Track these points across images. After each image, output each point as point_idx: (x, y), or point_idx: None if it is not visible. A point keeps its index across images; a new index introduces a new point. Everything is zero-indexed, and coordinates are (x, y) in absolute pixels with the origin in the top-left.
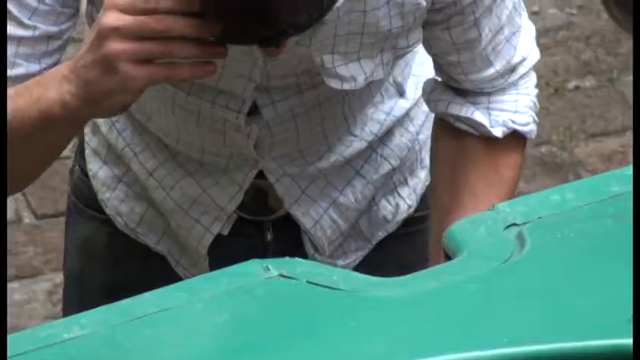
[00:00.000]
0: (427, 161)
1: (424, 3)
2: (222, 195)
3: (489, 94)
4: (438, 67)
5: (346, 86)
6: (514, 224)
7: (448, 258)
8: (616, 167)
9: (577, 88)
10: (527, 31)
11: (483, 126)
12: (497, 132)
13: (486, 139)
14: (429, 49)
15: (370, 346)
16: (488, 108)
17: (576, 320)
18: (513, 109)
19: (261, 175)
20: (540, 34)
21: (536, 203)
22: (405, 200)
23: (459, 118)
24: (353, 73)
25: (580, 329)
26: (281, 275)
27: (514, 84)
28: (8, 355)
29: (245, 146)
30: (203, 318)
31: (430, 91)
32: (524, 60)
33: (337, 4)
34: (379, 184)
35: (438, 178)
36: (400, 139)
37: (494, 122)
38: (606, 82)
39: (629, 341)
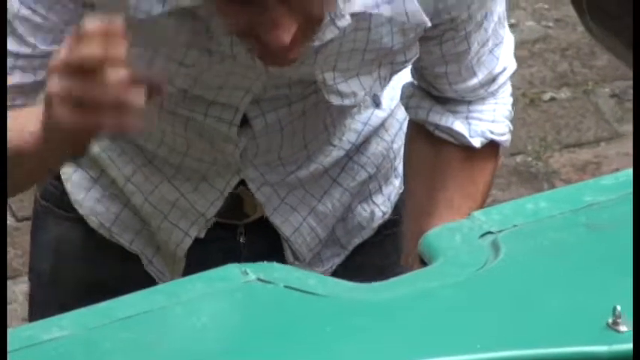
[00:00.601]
0: (401, 169)
1: (428, 23)
2: (202, 200)
3: (469, 102)
4: (421, 76)
5: (347, 102)
6: (489, 232)
7: (424, 264)
8: (589, 177)
9: (552, 99)
10: (508, 42)
11: (463, 136)
12: (476, 142)
13: (464, 148)
14: (417, 61)
15: (345, 351)
16: (467, 117)
17: (549, 326)
18: (491, 119)
19: (241, 181)
20: (517, 46)
21: (511, 212)
22: (380, 207)
23: (438, 126)
24: (353, 89)
25: (553, 335)
26: (259, 279)
27: (493, 93)
28: None
29: (231, 154)
30: (182, 321)
31: (409, 97)
32: (504, 70)
33: (344, 24)
34: (355, 191)
35: (414, 185)
36: (376, 148)
37: (474, 132)
38: (581, 93)
39: (604, 348)
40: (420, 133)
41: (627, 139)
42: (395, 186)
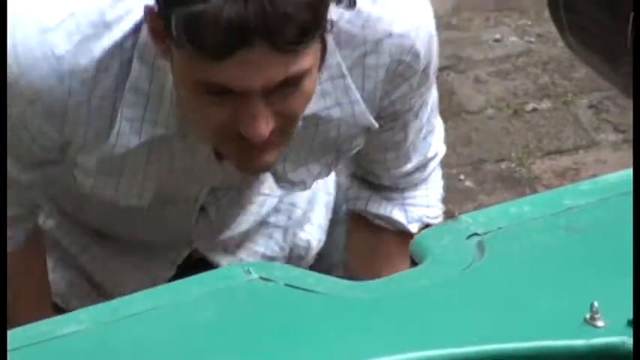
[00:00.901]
0: (322, 197)
1: (375, 126)
2: (156, 269)
3: (403, 189)
4: (359, 163)
5: (296, 189)
6: (475, 234)
7: (414, 264)
8: (569, 182)
9: (534, 109)
10: (439, 130)
11: (401, 223)
12: (414, 228)
13: (401, 232)
14: None
15: (342, 346)
16: (403, 204)
17: (531, 322)
18: (426, 204)
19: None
20: (502, 60)
21: (495, 215)
22: (313, 235)
23: (377, 215)
24: (302, 177)
25: (534, 330)
26: (261, 278)
27: (425, 180)
28: (10, 348)
29: (186, 235)
30: (188, 317)
31: (347, 188)
32: (436, 155)
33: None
34: (293, 226)
35: (358, 272)
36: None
37: (411, 218)
38: (561, 104)
39: (581, 342)
40: (359, 223)
41: (604, 147)
42: (321, 212)
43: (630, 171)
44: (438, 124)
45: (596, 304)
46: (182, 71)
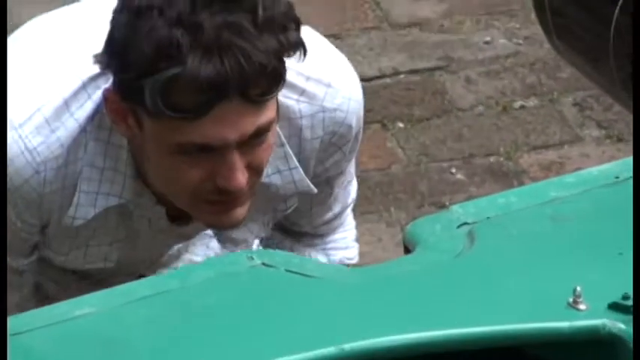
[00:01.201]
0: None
1: (314, 190)
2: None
3: (323, 235)
4: (285, 216)
5: (240, 248)
6: (465, 223)
7: (407, 251)
8: (554, 175)
9: (522, 107)
10: (355, 178)
11: None
12: None
13: None
14: None
15: (340, 326)
16: (324, 249)
17: (518, 305)
18: (345, 246)
19: None
20: (491, 61)
21: (485, 205)
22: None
23: None
24: (244, 236)
25: (521, 313)
26: (263, 264)
27: (342, 224)
28: (24, 329)
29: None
30: (194, 300)
31: (268, 238)
32: (352, 201)
33: None
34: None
35: None
36: None
37: (333, 261)
38: (547, 102)
39: (565, 324)
40: None
41: (587, 143)
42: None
43: (611, 165)
44: (354, 172)
45: (578, 288)
46: (156, 139)
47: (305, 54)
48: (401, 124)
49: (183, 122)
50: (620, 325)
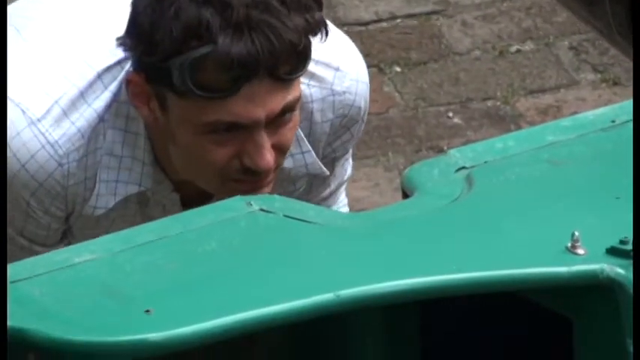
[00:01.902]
0: None
1: (326, 173)
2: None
3: None
4: None
5: None
6: (463, 167)
7: (406, 196)
8: (551, 119)
9: (518, 51)
10: (351, 155)
11: None
12: None
13: None
14: None
15: (338, 271)
16: None
17: (516, 250)
18: None
19: None
20: (488, 5)
21: (482, 150)
22: None
23: None
24: None
25: (519, 258)
26: (261, 209)
27: (336, 201)
28: (25, 276)
29: None
30: (194, 246)
31: None
32: (348, 178)
33: None
34: None
35: None
36: None
37: None
38: (543, 46)
39: (564, 269)
40: None
41: (583, 86)
42: None
43: (607, 109)
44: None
45: (576, 233)
46: (184, 119)
47: (327, 34)
48: (398, 69)
49: (212, 101)
50: (619, 270)
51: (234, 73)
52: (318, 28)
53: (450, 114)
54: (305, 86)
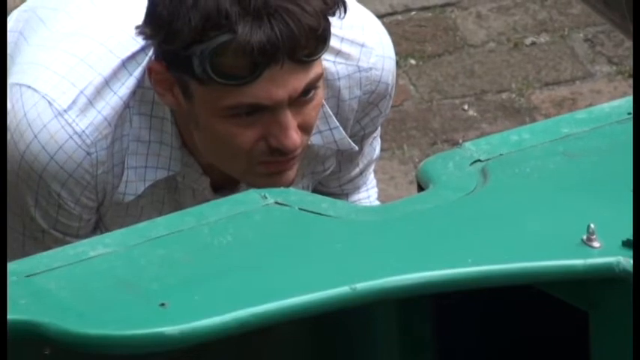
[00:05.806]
0: None
1: (355, 148)
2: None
3: (347, 194)
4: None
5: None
6: (478, 160)
7: (421, 189)
8: (566, 112)
9: (533, 43)
10: (379, 134)
11: None
12: None
13: None
14: None
15: (354, 265)
16: None
17: (532, 243)
18: (369, 204)
19: None
20: None
21: (497, 142)
22: None
23: None
24: None
25: (535, 251)
26: (276, 203)
27: (365, 182)
28: (40, 270)
29: None
30: (209, 239)
31: None
32: (377, 157)
33: None
34: None
35: None
36: None
37: None
38: (558, 38)
39: (580, 261)
40: None
41: (599, 79)
42: None
43: (623, 101)
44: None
45: (592, 225)
46: (206, 105)
47: (345, 10)
48: (413, 61)
49: (234, 87)
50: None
51: (255, 59)
52: (337, 6)
53: (465, 106)
54: (331, 64)
